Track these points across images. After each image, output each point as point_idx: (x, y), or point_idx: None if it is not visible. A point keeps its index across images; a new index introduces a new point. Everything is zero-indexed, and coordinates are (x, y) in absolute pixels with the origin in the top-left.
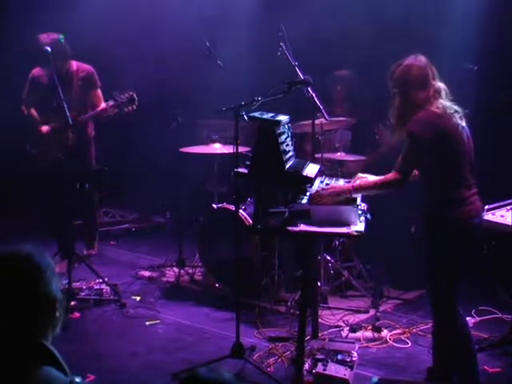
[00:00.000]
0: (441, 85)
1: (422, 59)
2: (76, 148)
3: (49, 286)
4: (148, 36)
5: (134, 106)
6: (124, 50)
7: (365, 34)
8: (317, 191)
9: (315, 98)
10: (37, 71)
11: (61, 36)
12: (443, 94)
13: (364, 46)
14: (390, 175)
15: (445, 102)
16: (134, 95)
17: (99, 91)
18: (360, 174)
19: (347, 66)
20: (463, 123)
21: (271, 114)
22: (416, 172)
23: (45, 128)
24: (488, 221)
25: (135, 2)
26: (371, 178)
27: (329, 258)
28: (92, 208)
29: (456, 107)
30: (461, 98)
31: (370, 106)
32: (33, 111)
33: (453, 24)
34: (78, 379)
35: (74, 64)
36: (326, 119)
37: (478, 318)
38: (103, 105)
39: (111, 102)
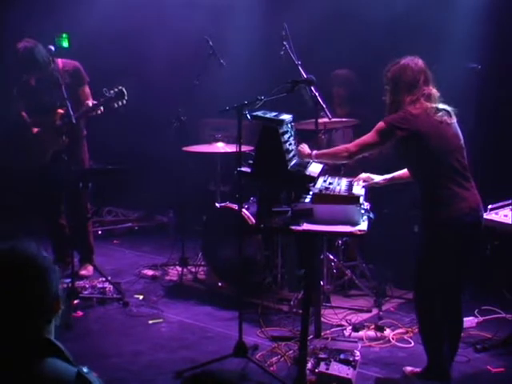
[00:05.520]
0: (432, 90)
1: (418, 62)
2: (66, 149)
3: (50, 282)
4: (150, 35)
5: (124, 101)
6: (125, 49)
7: (367, 31)
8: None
9: (318, 98)
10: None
11: (31, 44)
12: (432, 98)
13: (366, 44)
14: (343, 146)
15: (426, 103)
16: (124, 89)
17: (87, 88)
18: (364, 174)
19: (347, 65)
20: (451, 120)
21: (274, 113)
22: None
23: (36, 129)
24: (491, 220)
25: (137, 1)
26: (376, 178)
27: (332, 257)
28: (82, 211)
29: (443, 106)
30: (464, 97)
31: (371, 104)
32: (23, 114)
33: (457, 23)
34: (85, 369)
35: (60, 62)
36: (329, 118)
37: (481, 318)
38: (91, 101)
39: (102, 99)
